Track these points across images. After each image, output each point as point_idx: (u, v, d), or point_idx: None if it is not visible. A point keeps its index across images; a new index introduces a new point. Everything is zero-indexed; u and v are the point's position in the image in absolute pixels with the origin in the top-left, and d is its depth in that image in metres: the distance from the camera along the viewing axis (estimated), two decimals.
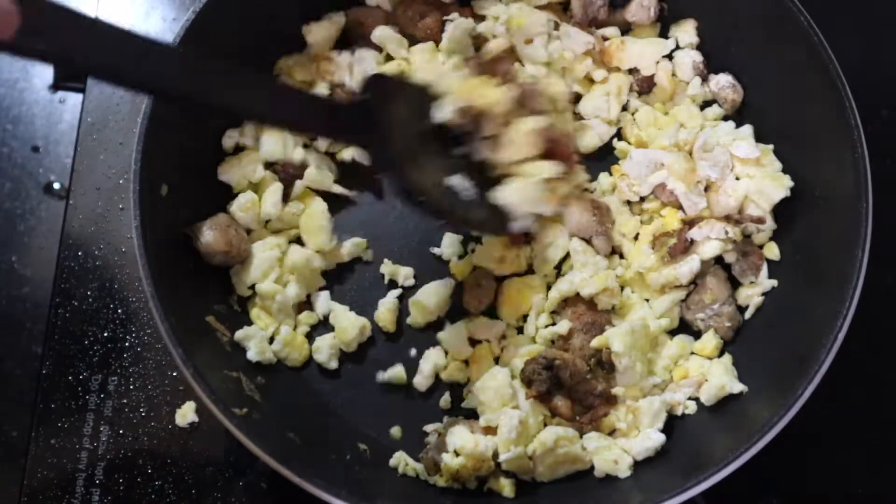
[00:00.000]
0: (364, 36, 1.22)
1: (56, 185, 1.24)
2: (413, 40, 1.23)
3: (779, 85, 1.16)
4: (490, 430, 1.06)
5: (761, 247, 1.15)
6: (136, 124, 1.02)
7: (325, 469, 1.00)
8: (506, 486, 1.05)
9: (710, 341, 1.11)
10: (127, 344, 1.14)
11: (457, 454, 1.03)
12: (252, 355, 1.08)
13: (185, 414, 1.10)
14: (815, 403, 0.96)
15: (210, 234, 1.08)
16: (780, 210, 1.14)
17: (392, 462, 1.06)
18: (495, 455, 1.04)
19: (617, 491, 1.04)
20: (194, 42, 1.05)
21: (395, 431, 1.10)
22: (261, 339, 1.09)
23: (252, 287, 1.12)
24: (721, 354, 1.12)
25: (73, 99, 1.28)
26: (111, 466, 1.08)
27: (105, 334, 1.14)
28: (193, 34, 1.06)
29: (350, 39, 1.23)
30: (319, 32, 1.20)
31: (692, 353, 1.13)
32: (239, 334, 1.09)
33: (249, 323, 1.11)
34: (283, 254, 1.13)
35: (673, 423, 1.09)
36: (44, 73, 1.30)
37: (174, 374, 1.12)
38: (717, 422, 1.07)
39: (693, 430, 1.08)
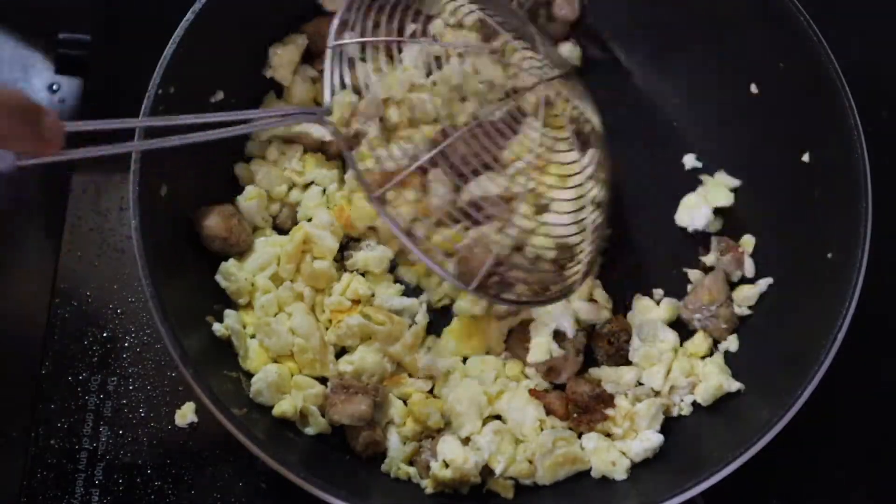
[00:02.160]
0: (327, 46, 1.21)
1: (56, 185, 1.23)
2: None
3: (778, 85, 1.16)
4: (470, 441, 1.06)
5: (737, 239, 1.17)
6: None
7: (325, 469, 1.00)
8: (506, 487, 1.05)
9: (701, 343, 1.12)
10: (126, 344, 1.14)
11: (446, 465, 1.03)
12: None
13: (185, 414, 1.10)
14: (815, 403, 0.96)
15: (212, 219, 1.09)
16: (780, 210, 1.14)
17: (383, 467, 1.06)
18: (486, 469, 1.04)
19: (617, 491, 1.04)
20: (194, 41, 1.06)
21: None
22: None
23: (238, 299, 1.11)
24: (711, 354, 1.12)
25: (73, 99, 1.28)
26: (111, 467, 1.08)
27: (105, 334, 1.14)
28: (193, 34, 1.06)
29: (313, 53, 1.22)
30: (285, 56, 1.18)
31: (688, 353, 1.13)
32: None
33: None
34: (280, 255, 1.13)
35: (671, 424, 1.09)
36: (43, 73, 1.30)
37: (174, 374, 1.12)
38: (717, 422, 1.07)
39: (692, 431, 1.08)
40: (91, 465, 1.08)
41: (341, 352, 1.11)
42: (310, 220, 1.15)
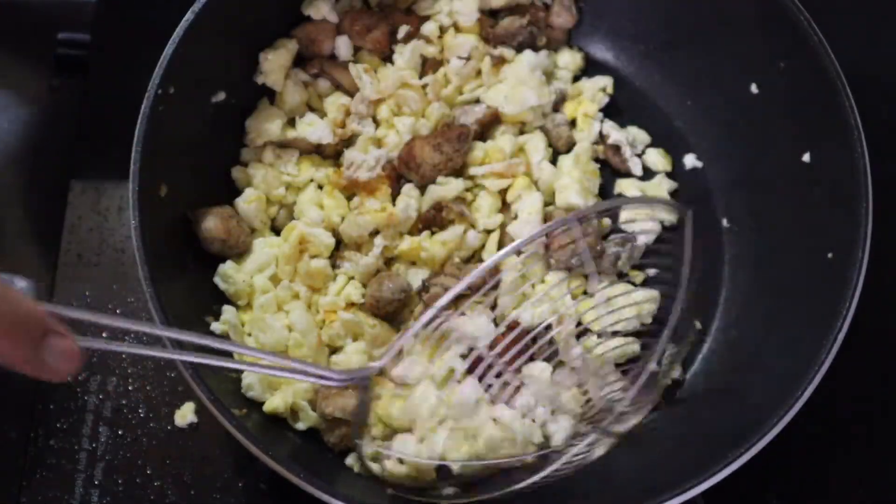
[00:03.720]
0: (319, 53, 1.21)
1: (56, 185, 1.23)
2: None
3: (778, 85, 1.16)
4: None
5: None
6: (136, 124, 1.02)
7: (325, 469, 1.00)
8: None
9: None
10: None
11: (401, 462, 1.03)
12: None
13: (185, 414, 1.10)
14: (815, 403, 0.96)
15: (211, 220, 1.09)
16: (780, 210, 1.14)
17: (348, 461, 1.06)
18: (442, 469, 1.03)
19: (616, 490, 1.04)
20: (194, 41, 1.06)
21: None
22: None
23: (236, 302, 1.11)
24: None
25: (73, 99, 1.28)
26: (110, 467, 1.08)
27: (105, 335, 1.14)
28: (193, 34, 1.06)
29: (304, 58, 1.22)
30: (276, 62, 1.18)
31: None
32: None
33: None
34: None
35: (671, 424, 1.09)
36: (44, 72, 1.29)
37: (173, 374, 1.12)
38: (717, 422, 1.07)
39: (692, 431, 1.08)
40: (91, 465, 1.08)
41: (333, 353, 1.11)
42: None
